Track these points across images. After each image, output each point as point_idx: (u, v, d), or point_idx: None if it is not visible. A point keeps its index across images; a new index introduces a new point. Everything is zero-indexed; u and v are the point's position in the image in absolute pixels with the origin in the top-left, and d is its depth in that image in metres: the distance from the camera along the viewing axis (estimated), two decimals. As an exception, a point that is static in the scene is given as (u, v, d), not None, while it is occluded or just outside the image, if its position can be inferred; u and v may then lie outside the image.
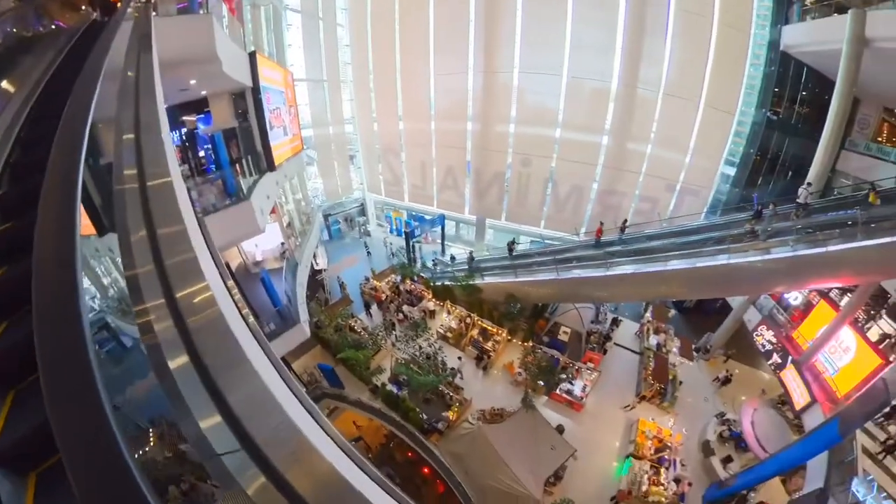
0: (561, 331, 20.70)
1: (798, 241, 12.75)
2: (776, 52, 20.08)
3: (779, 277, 13.73)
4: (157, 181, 3.12)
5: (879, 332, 15.38)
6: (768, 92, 21.01)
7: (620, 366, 19.73)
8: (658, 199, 24.11)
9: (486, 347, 18.92)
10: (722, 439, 16.48)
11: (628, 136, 24.04)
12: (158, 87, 5.34)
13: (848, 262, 12.05)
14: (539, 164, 26.20)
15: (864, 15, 14.83)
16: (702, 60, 21.72)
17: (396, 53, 27.99)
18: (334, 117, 30.46)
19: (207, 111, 16.33)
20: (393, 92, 29.17)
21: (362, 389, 17.43)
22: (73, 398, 1.52)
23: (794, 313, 18.05)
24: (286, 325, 15.64)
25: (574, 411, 17.27)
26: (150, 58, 5.66)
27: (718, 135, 22.72)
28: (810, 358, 16.05)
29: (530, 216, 27.95)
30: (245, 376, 2.30)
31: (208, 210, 12.94)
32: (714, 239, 16.00)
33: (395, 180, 31.82)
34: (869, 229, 11.73)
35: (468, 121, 27.29)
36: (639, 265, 15.69)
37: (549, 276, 17.99)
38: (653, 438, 15.92)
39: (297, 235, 22.63)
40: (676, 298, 20.21)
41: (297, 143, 21.91)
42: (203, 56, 11.29)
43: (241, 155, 17.58)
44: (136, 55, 5.59)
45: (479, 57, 25.34)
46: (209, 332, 2.34)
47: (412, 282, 22.26)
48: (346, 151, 32.70)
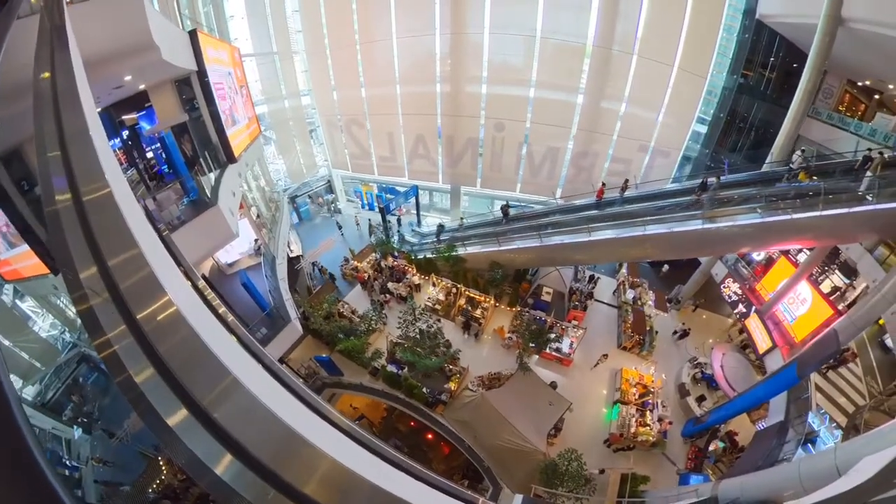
0: (544, 292, 21.73)
1: (766, 209, 13.89)
2: (751, 19, 20.54)
3: (746, 240, 15.18)
4: (94, 198, 2.75)
5: (831, 285, 17.52)
6: (740, 58, 21.69)
7: (601, 320, 21.28)
8: (631, 160, 24.87)
9: (476, 315, 19.69)
10: (695, 381, 18.54)
11: (602, 97, 24.12)
12: (84, 88, 4.58)
13: (808, 229, 13.42)
14: (513, 127, 25.82)
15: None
16: (677, 23, 21.80)
17: (353, 16, 25.75)
18: (289, 90, 28.33)
19: (149, 106, 14.44)
20: (352, 58, 27.13)
21: (362, 373, 17.88)
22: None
23: (756, 268, 19.97)
24: (278, 327, 15.55)
25: (564, 367, 18.71)
26: (67, 56, 4.78)
27: (690, 97, 23.38)
28: (771, 308, 18.03)
29: (506, 181, 27.88)
30: (237, 397, 2.38)
31: (173, 223, 11.97)
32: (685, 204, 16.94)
33: (361, 153, 30.30)
34: (828, 200, 12.97)
35: (436, 84, 25.97)
36: (619, 230, 16.53)
37: (534, 242, 18.56)
38: (636, 385, 17.59)
39: (267, 226, 21.81)
40: (652, 259, 21.42)
41: (253, 126, 20.56)
42: (137, 45, 9.66)
43: (196, 152, 15.96)
44: (48, 54, 4.68)
45: (445, 15, 23.82)
46: (189, 358, 2.27)
47: (393, 258, 22.24)
48: (305, 127, 30.67)
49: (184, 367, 2.18)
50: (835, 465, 7.46)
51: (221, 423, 1.99)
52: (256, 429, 2.36)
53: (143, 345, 2.12)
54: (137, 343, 2.12)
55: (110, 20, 8.90)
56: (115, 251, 2.45)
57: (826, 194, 13.07)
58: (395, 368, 17.41)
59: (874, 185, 12.60)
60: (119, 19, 9.11)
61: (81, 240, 2.44)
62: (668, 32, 22.10)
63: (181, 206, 13.06)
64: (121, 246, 2.58)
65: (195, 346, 2.46)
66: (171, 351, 2.18)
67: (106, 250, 2.41)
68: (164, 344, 2.21)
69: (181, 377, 2.09)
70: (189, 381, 2.09)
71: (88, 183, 2.81)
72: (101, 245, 2.40)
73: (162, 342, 2.20)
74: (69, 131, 3.20)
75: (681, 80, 22.90)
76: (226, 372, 2.40)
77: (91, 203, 2.68)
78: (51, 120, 3.34)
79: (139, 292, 2.39)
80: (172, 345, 2.26)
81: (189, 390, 2.07)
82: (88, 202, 2.68)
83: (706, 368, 18.67)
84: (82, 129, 3.36)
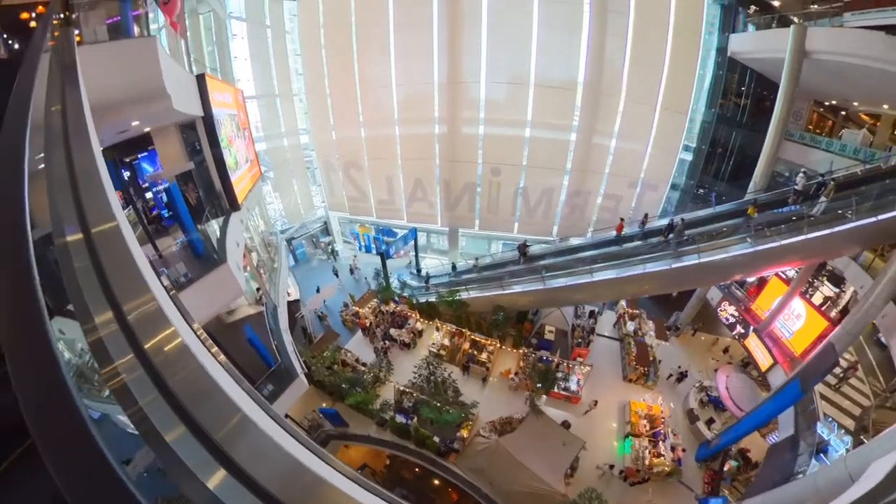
0: (546, 331, 22.06)
1: (756, 238, 14.92)
2: (724, 56, 22.49)
3: (740, 268, 16.12)
4: (104, 236, 2.68)
5: (822, 296, 18.38)
6: (717, 92, 23.68)
7: (604, 353, 21.61)
8: (621, 196, 26.06)
9: (482, 359, 19.78)
10: (703, 405, 18.90)
11: (592, 138, 25.31)
12: (92, 132, 4.40)
13: (796, 251, 14.36)
14: (509, 171, 26.69)
15: (804, 30, 17.33)
16: (658, 66, 23.48)
17: (354, 63, 26.71)
18: (288, 128, 28.72)
19: (152, 149, 13.97)
20: (351, 102, 27.81)
21: (367, 423, 17.62)
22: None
23: (749, 289, 20.83)
24: (284, 383, 14.87)
25: (573, 405, 18.80)
26: (77, 95, 4.67)
27: (673, 133, 24.92)
28: (768, 326, 18.82)
29: (503, 222, 28.52)
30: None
31: (179, 281, 11.07)
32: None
33: (360, 196, 30.64)
34: (811, 222, 14.16)
35: (434, 127, 26.68)
36: (620, 269, 17.29)
37: (538, 285, 19.14)
38: (645, 416, 17.76)
39: (267, 272, 21.64)
40: (649, 294, 22.39)
41: (255, 169, 20.33)
42: (148, 92, 9.28)
43: (200, 200, 15.27)
44: (59, 92, 4.58)
45: (442, 63, 24.90)
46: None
47: (395, 303, 22.28)
48: (304, 166, 30.92)
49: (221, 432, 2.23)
50: (847, 473, 7.94)
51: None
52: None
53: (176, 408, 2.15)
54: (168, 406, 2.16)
55: (122, 65, 8.67)
56: (130, 296, 2.42)
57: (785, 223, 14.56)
58: (404, 418, 17.19)
59: (828, 209, 14.15)
60: (131, 65, 8.85)
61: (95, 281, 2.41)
62: (650, 75, 23.66)
63: (188, 263, 12.45)
64: (135, 291, 2.55)
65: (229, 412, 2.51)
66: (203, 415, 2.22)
67: (120, 295, 2.39)
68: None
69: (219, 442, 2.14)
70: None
71: (99, 221, 2.80)
72: (116, 291, 2.36)
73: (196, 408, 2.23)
74: (79, 167, 3.21)
75: (664, 117, 24.41)
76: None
77: (101, 240, 2.68)
78: (62, 155, 3.34)
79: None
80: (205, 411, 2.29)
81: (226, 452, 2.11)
82: (98, 239, 2.67)
83: (712, 391, 19.09)
84: (91, 167, 3.38)
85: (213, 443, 2.04)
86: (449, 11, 23.78)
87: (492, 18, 23.63)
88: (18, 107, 3.55)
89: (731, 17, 22.09)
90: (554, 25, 23.30)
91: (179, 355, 2.45)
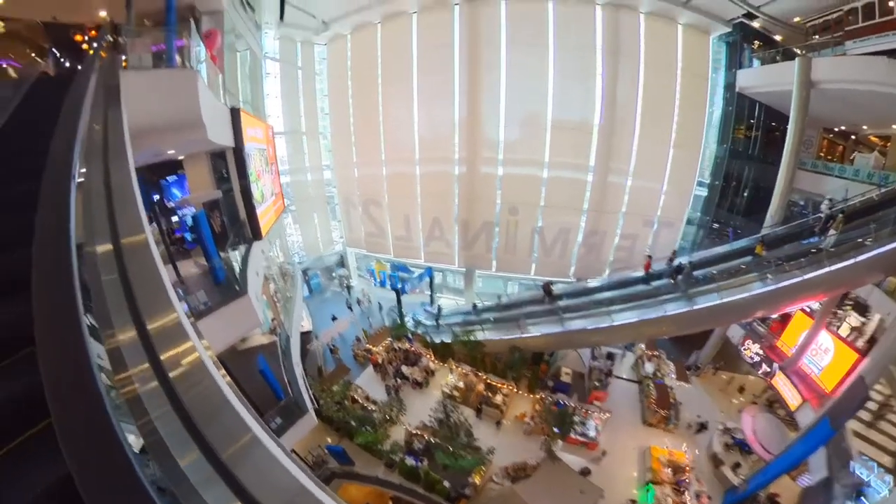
0: (563, 373, 21.37)
1: (776, 274, 14.63)
2: (732, 92, 23.14)
3: (761, 305, 15.70)
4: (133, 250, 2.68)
5: (849, 326, 17.60)
6: (727, 128, 24.13)
7: (622, 396, 20.86)
8: (637, 235, 26.21)
9: (496, 402, 19.27)
10: (727, 448, 17.94)
11: (608, 178, 25.84)
12: (129, 154, 4.42)
13: (819, 285, 14.05)
14: (526, 211, 27.04)
15: (809, 61, 17.87)
16: (669, 105, 24.30)
17: (379, 104, 28.10)
18: (312, 164, 30.03)
19: (181, 173, 14.55)
20: (375, 142, 29.05)
21: (374, 463, 17.10)
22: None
23: (772, 325, 20.13)
24: (293, 417, 14.57)
25: (590, 451, 18.00)
26: (118, 114, 4.85)
27: (686, 170, 25.47)
28: (795, 362, 18.03)
29: (521, 263, 28.56)
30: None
31: (198, 309, 10.88)
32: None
33: (378, 232, 31.15)
34: (832, 254, 13.82)
35: (454, 167, 27.50)
36: (641, 311, 17.08)
37: (556, 328, 18.89)
38: (667, 463, 16.90)
39: (282, 302, 21.71)
40: (667, 336, 21.90)
41: (279, 203, 20.83)
42: (185, 122, 9.58)
43: (224, 228, 15.14)
44: (102, 110, 4.72)
45: (463, 108, 25.98)
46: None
47: (408, 341, 22.10)
48: (325, 200, 31.95)
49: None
50: None
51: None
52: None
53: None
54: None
55: (164, 93, 8.98)
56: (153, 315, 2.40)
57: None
58: (414, 460, 16.66)
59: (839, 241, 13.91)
60: (173, 93, 9.14)
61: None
62: (662, 114, 24.39)
63: (209, 291, 12.44)
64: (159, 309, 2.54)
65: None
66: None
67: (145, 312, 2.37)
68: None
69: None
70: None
71: (129, 234, 2.84)
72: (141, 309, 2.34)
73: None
74: (115, 183, 3.27)
75: (677, 154, 24.96)
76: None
77: (129, 252, 2.70)
78: (100, 169, 3.43)
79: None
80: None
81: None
82: (128, 252, 2.69)
83: (737, 433, 18.17)
84: (127, 183, 3.45)
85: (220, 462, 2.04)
86: (469, 57, 25.14)
87: (510, 64, 24.81)
88: (69, 123, 3.59)
89: (737, 53, 22.84)
90: (568, 71, 24.38)
91: (195, 371, 2.46)
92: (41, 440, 1.80)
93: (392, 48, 27.27)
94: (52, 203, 2.47)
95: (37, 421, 1.87)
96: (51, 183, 2.62)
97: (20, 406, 1.87)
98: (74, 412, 1.43)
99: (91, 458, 1.35)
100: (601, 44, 23.88)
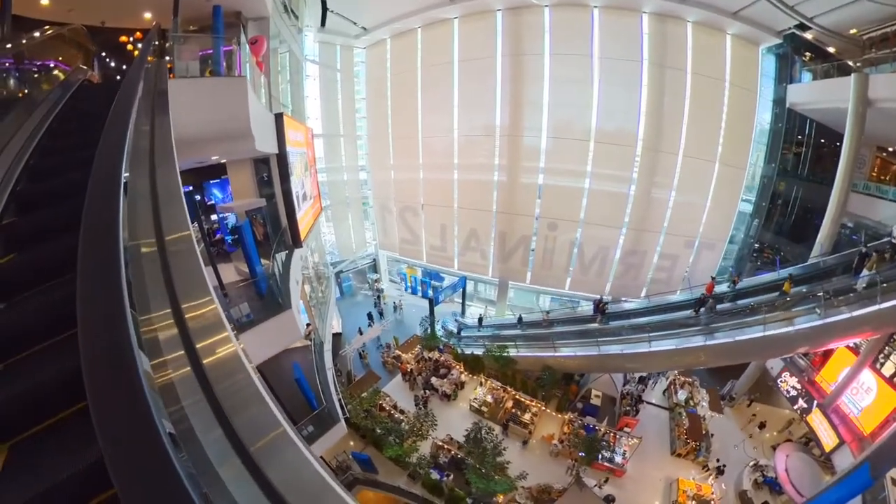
0: (593, 395, 21.25)
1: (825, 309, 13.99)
2: (782, 108, 22.11)
3: (805, 341, 15.16)
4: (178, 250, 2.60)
5: (894, 366, 16.81)
6: (776, 146, 23.08)
7: (651, 423, 20.65)
8: (678, 256, 25.63)
9: (524, 420, 19.42)
10: (757, 485, 17.59)
11: (651, 193, 25.28)
12: (175, 157, 4.16)
13: (867, 322, 13.39)
14: (565, 226, 26.70)
15: (866, 78, 16.84)
16: (716, 120, 23.55)
17: (418, 109, 28.22)
18: (349, 164, 30.49)
19: (224, 177, 14.65)
20: (412, 147, 29.11)
21: (397, 472, 17.50)
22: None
23: (814, 359, 19.35)
24: (325, 426, 14.52)
25: (616, 477, 17.97)
26: (166, 120, 4.66)
27: (731, 189, 24.64)
28: (834, 401, 17.33)
29: (556, 279, 28.28)
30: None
31: (241, 321, 10.34)
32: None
33: (413, 239, 31.17)
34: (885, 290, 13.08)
35: (494, 178, 27.35)
36: (679, 340, 16.78)
37: (592, 351, 18.80)
38: (693, 497, 16.69)
39: (317, 305, 21.79)
40: (704, 366, 21.18)
41: (317, 206, 20.89)
42: (234, 132, 9.34)
43: (267, 236, 15.24)
44: (150, 116, 4.67)
45: (505, 115, 25.82)
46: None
47: (439, 352, 22.36)
48: (360, 201, 32.34)
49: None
50: None
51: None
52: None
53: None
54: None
55: (212, 102, 8.81)
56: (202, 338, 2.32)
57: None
58: (438, 474, 17.01)
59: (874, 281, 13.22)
60: (222, 102, 8.97)
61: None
62: (708, 129, 23.69)
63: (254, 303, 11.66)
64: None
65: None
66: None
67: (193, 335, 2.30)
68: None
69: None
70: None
71: (173, 232, 2.81)
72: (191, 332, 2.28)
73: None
74: (161, 185, 3.24)
75: (722, 172, 24.19)
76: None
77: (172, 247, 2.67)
78: (146, 172, 3.40)
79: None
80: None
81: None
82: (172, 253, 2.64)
83: (768, 471, 17.78)
84: (174, 186, 3.41)
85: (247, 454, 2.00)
86: (511, 64, 24.89)
87: (553, 72, 24.49)
88: (117, 126, 3.43)
89: (788, 66, 21.76)
90: (612, 80, 23.88)
91: (231, 362, 2.41)
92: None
93: (432, 53, 27.28)
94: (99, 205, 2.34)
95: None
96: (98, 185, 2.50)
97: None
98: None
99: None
100: (646, 54, 23.28)
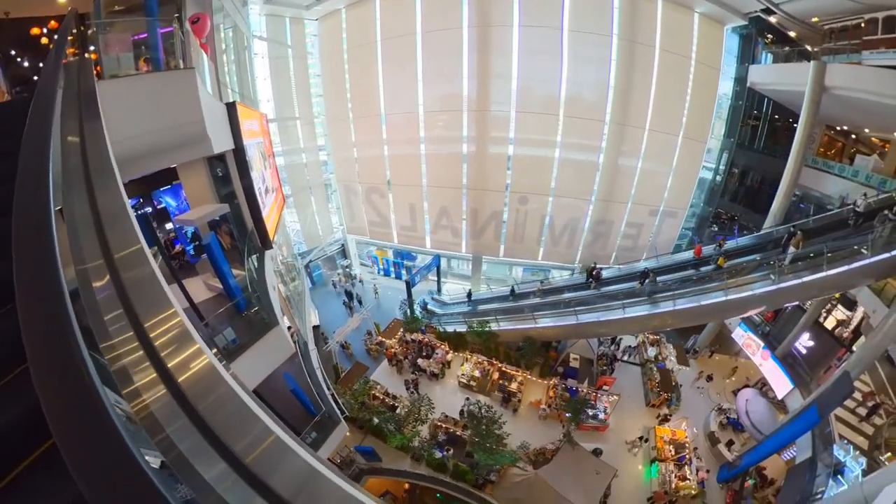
0: (571, 358, 22.86)
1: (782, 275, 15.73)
2: (742, 86, 23.63)
3: (760, 303, 16.99)
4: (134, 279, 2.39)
5: (835, 319, 19.35)
6: (735, 122, 24.88)
7: (625, 379, 22.56)
8: (643, 224, 27.12)
9: (512, 389, 20.56)
10: (722, 426, 20.06)
11: (616, 168, 26.18)
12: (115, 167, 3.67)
13: (815, 287, 15.34)
14: (536, 200, 27.05)
15: (824, 66, 18.29)
16: (681, 95, 24.52)
17: (379, 84, 26.64)
18: (307, 146, 28.78)
19: (176, 183, 12.82)
20: (375, 125, 27.73)
21: (400, 457, 18.19)
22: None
23: (766, 315, 21.68)
24: (328, 430, 13.98)
25: (599, 433, 19.77)
26: (98, 125, 4.04)
27: (692, 161, 26.14)
28: (787, 350, 19.78)
29: (528, 251, 28.95)
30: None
31: (228, 348, 9.08)
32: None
33: (381, 222, 30.46)
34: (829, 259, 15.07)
35: (462, 149, 26.87)
36: (652, 306, 18.19)
37: (570, 320, 20.02)
38: (670, 441, 18.82)
39: (293, 304, 21.29)
40: (670, 328, 23.06)
41: (280, 197, 19.64)
42: (186, 137, 7.79)
43: (235, 244, 13.70)
44: (77, 122, 3.90)
45: (472, 85, 25.11)
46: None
47: (421, 333, 22.78)
48: (322, 184, 30.79)
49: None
50: (863, 497, 9.16)
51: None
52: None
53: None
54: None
55: (155, 103, 7.18)
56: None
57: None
58: (439, 452, 17.86)
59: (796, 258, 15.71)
60: (167, 103, 7.35)
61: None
62: (674, 105, 24.73)
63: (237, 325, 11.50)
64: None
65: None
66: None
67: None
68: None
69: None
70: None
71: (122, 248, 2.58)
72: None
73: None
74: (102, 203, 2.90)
75: (685, 145, 25.49)
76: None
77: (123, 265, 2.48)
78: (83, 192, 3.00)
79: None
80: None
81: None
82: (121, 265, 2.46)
83: (731, 413, 20.26)
84: (118, 202, 3.08)
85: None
86: (479, 35, 24.07)
87: (522, 43, 24.00)
88: (36, 141, 2.87)
89: (750, 47, 23.08)
90: (581, 54, 23.99)
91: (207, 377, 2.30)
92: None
93: (393, 24, 25.58)
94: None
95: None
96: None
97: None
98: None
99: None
100: (616, 29, 23.36)
